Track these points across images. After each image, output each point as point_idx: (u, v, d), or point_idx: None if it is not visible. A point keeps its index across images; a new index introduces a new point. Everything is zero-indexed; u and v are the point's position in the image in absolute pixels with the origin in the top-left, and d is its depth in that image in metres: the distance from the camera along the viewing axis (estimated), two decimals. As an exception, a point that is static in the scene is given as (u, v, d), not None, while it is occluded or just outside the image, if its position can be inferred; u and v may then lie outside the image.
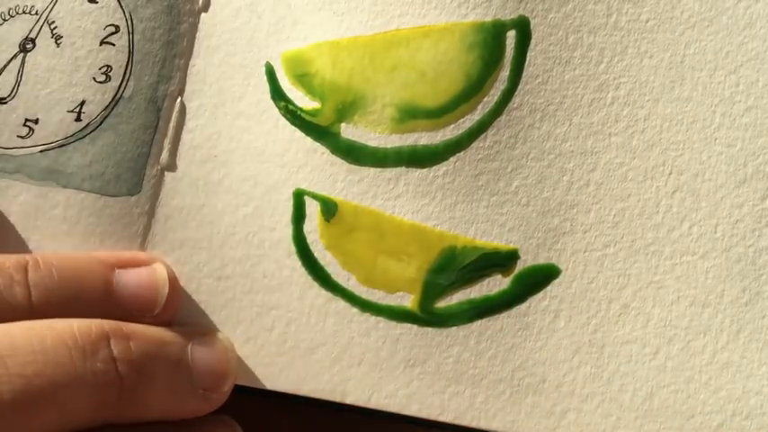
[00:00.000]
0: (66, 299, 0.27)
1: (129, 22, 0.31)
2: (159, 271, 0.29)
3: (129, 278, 0.28)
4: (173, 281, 0.29)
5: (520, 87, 0.30)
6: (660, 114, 0.30)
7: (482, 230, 0.30)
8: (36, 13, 0.31)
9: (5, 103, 0.30)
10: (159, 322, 0.28)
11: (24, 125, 0.30)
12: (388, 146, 0.30)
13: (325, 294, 0.30)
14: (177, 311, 0.29)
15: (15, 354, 0.24)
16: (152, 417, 0.27)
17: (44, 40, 0.31)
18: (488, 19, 0.30)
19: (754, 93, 0.30)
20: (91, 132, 0.30)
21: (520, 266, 0.30)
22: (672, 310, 0.29)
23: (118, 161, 0.30)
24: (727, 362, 0.29)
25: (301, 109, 0.30)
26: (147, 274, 0.29)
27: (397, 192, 0.30)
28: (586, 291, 0.29)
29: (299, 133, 0.30)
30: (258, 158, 0.30)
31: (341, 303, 0.30)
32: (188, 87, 0.31)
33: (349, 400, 0.29)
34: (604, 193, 0.30)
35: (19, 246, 0.30)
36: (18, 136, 0.30)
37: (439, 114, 0.30)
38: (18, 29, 0.31)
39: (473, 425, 0.29)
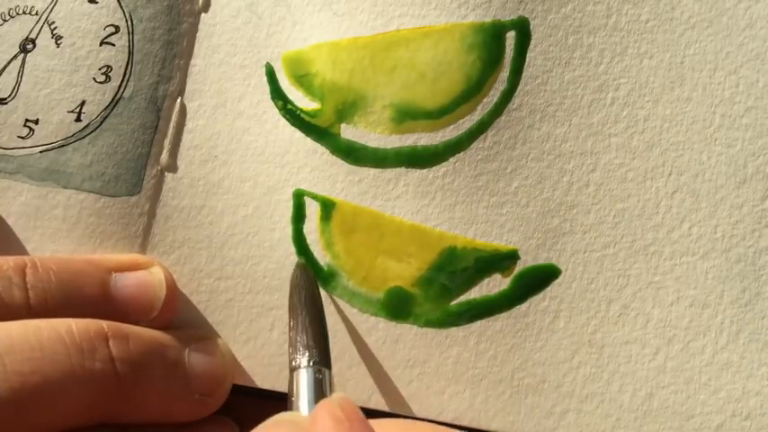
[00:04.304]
0: (64, 301, 0.27)
1: (129, 23, 0.31)
2: (156, 274, 0.29)
3: (126, 281, 0.28)
4: (170, 284, 0.29)
5: (519, 88, 0.30)
6: (660, 115, 0.30)
7: (482, 231, 0.30)
8: (36, 14, 0.31)
9: (6, 103, 0.30)
10: (156, 325, 0.28)
11: (24, 125, 0.30)
12: (388, 146, 0.30)
13: (324, 295, 0.30)
14: (174, 315, 0.29)
15: (13, 351, 0.24)
16: (148, 418, 0.27)
17: (44, 41, 0.31)
18: (488, 20, 0.30)
19: (754, 93, 0.30)
20: (91, 133, 0.30)
21: (520, 267, 0.30)
22: (671, 311, 0.29)
23: (118, 161, 0.30)
24: (726, 362, 0.29)
25: (301, 109, 0.30)
26: (144, 278, 0.29)
27: (397, 192, 0.30)
28: (586, 291, 0.29)
29: (299, 134, 0.30)
30: (258, 159, 0.30)
31: (340, 303, 0.30)
32: (188, 87, 0.31)
33: (349, 401, 0.29)
34: (604, 193, 0.30)
35: (19, 246, 0.30)
36: (18, 136, 0.30)
37: (439, 115, 0.30)
38: (18, 29, 0.31)
39: (473, 425, 0.29)
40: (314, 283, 0.27)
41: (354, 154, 0.30)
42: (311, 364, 0.24)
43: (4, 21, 0.31)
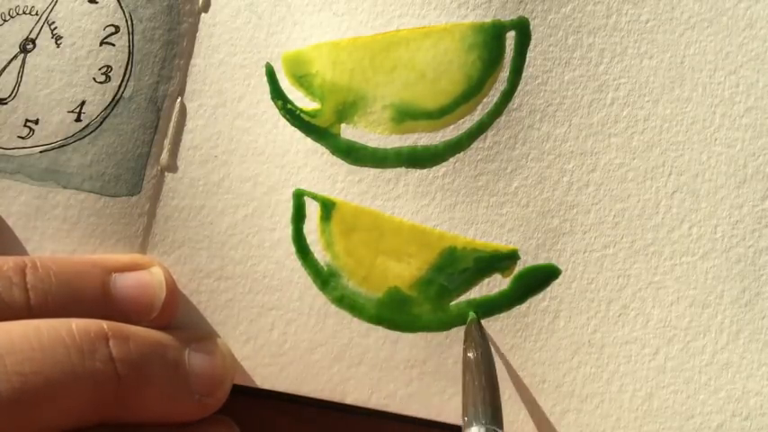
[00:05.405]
0: (64, 302, 0.27)
1: (129, 23, 0.31)
2: (156, 274, 0.29)
3: (126, 282, 0.28)
4: (170, 284, 0.29)
5: (519, 88, 0.30)
6: (660, 115, 0.30)
7: (482, 231, 0.30)
8: (36, 14, 0.31)
9: (6, 103, 0.30)
10: (156, 326, 0.28)
11: (25, 125, 0.30)
12: (388, 146, 0.30)
13: (324, 295, 0.30)
14: (174, 315, 0.29)
15: (14, 352, 0.24)
16: (148, 418, 0.27)
17: (44, 41, 0.31)
18: (488, 20, 0.30)
19: (754, 93, 0.30)
20: (91, 133, 0.30)
21: (520, 267, 0.30)
22: (671, 311, 0.29)
23: (118, 161, 0.30)
24: (726, 362, 0.29)
25: (301, 109, 0.30)
26: (144, 278, 0.29)
27: (397, 192, 0.30)
28: (586, 291, 0.29)
29: (299, 134, 0.30)
30: (258, 159, 0.30)
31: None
32: (188, 87, 0.31)
33: (349, 400, 0.29)
34: (604, 193, 0.30)
35: (19, 246, 0.30)
36: (18, 136, 0.30)
37: (439, 115, 0.30)
38: (18, 29, 0.31)
39: (473, 425, 0.29)
40: (487, 340, 0.28)
41: (354, 154, 0.30)
42: (485, 423, 0.25)
43: (4, 21, 0.31)
